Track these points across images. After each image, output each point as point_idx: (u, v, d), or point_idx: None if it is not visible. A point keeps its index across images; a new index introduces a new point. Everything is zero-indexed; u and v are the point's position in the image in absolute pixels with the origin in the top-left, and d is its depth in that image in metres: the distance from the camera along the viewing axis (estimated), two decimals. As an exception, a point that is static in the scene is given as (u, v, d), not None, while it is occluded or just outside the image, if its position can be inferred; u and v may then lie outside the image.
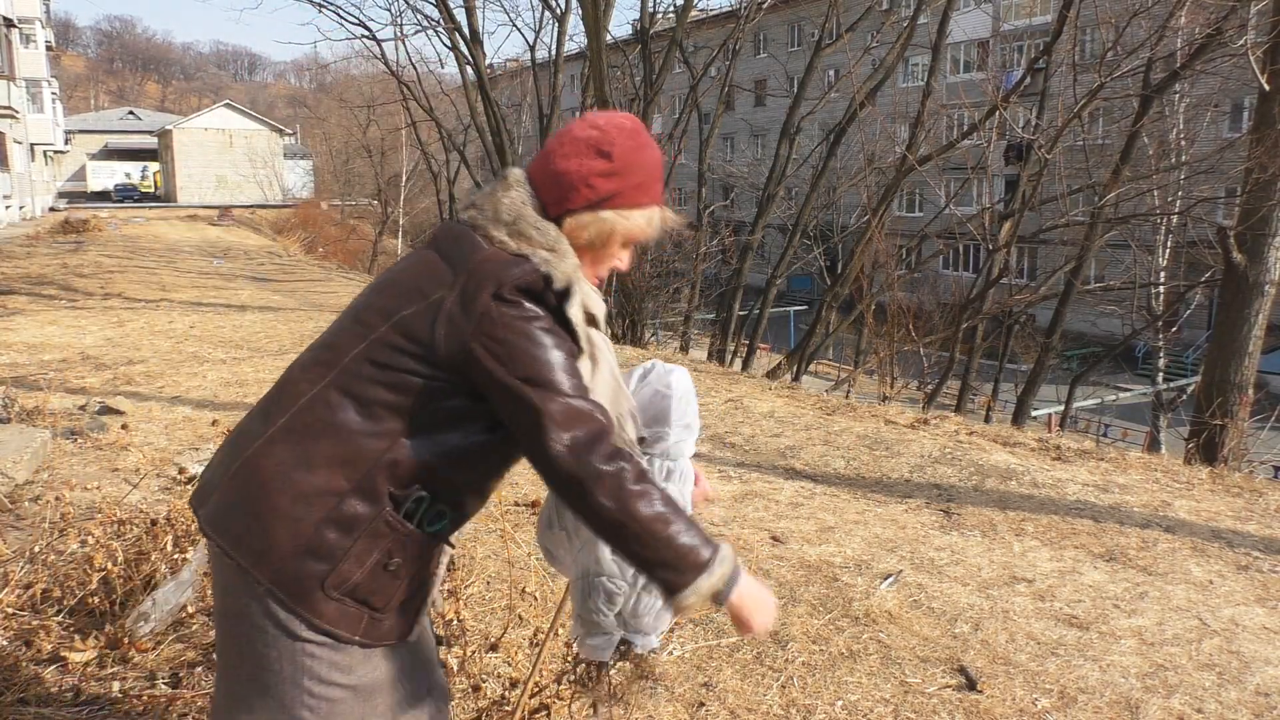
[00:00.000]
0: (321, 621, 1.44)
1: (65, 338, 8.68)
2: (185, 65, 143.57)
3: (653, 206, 1.59)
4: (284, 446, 1.46)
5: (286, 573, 1.43)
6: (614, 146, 1.53)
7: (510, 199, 1.52)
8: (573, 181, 1.52)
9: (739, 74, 25.60)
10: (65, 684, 2.56)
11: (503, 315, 1.41)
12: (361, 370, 1.46)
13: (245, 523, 1.46)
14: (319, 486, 1.43)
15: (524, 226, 1.49)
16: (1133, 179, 13.15)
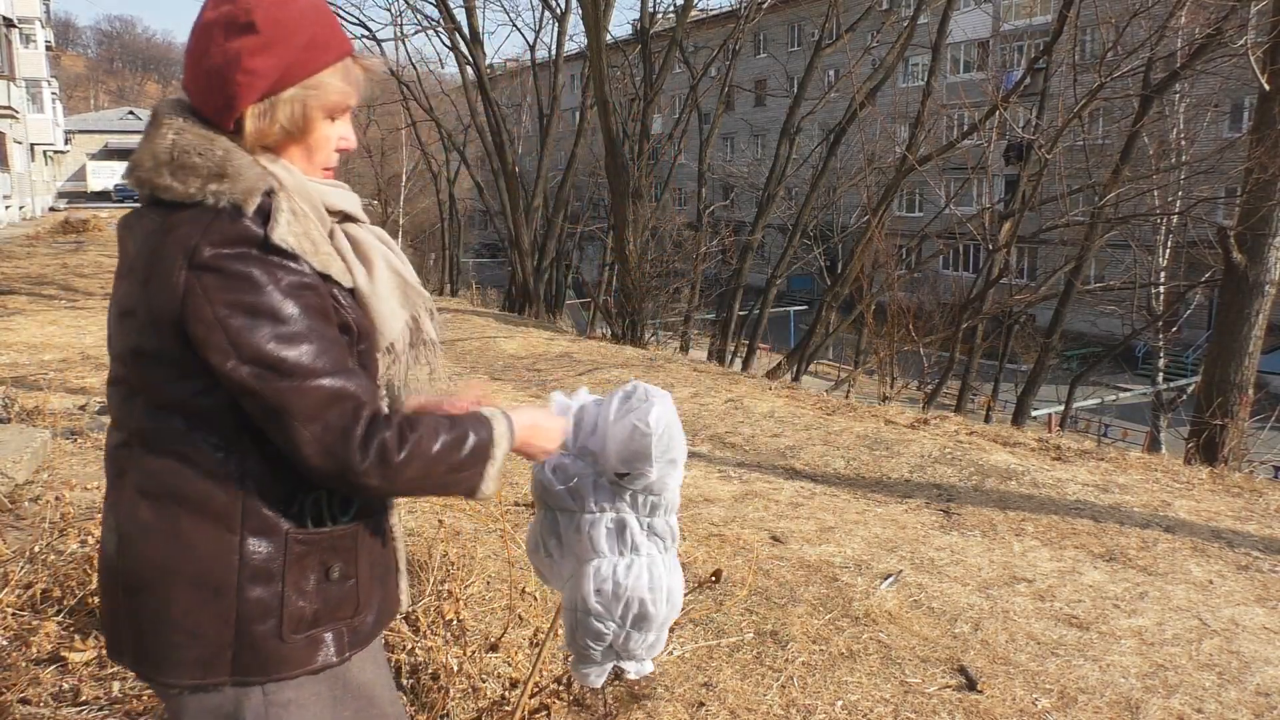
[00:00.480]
0: (302, 669, 1.30)
1: (65, 338, 8.68)
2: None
3: (338, 61, 1.31)
4: (145, 545, 1.27)
5: (241, 656, 1.27)
6: (253, 13, 1.23)
7: (162, 135, 1.25)
8: (225, 75, 1.23)
9: (739, 74, 25.59)
10: (65, 684, 2.56)
11: (206, 289, 1.17)
12: (152, 424, 1.26)
13: (168, 641, 1.27)
14: (208, 557, 1.25)
15: (184, 158, 1.23)
16: (1133, 179, 13.15)
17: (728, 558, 3.84)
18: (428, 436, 1.28)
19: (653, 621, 1.61)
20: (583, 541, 1.61)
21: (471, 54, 17.32)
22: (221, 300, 1.18)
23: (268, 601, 1.27)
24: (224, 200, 1.21)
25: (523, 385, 7.46)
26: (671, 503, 1.65)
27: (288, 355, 1.19)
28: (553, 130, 19.89)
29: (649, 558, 1.61)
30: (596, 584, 1.59)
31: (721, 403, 6.89)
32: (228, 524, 1.26)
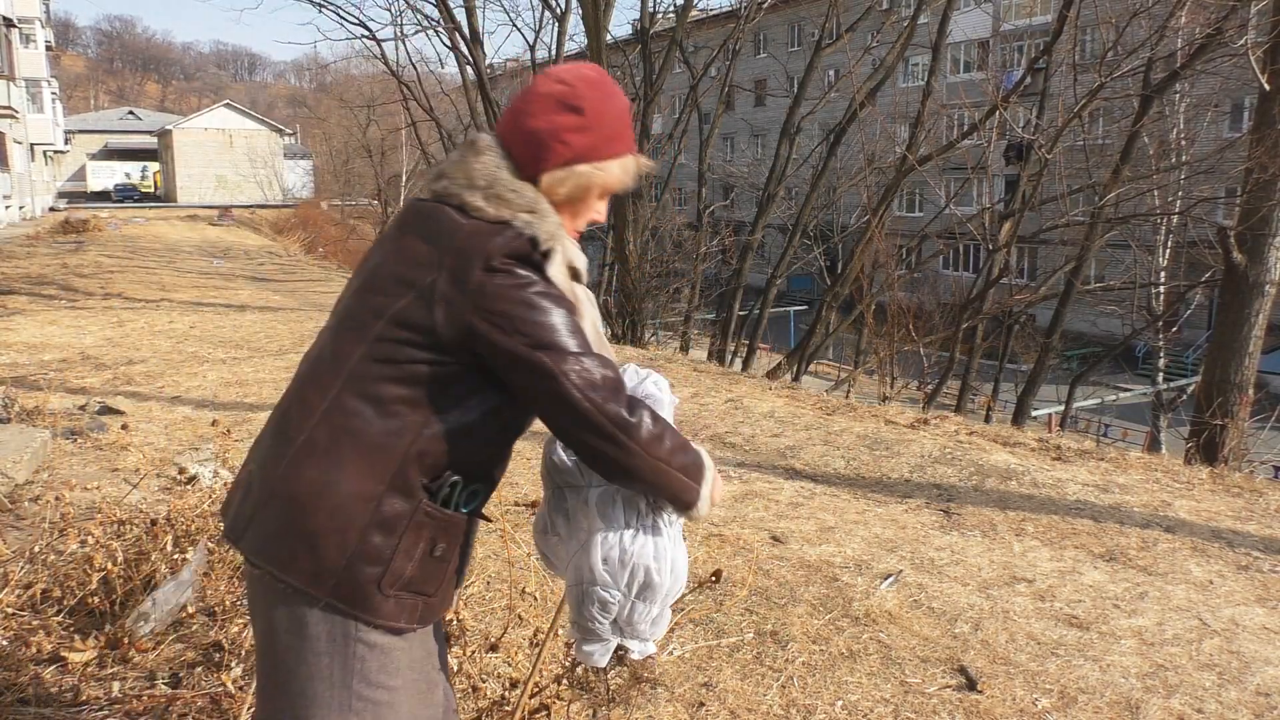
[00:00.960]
0: (382, 620, 1.47)
1: (65, 338, 8.68)
2: (185, 65, 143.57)
3: (626, 155, 1.59)
4: (310, 463, 1.46)
5: (344, 584, 1.45)
6: (583, 100, 1.52)
7: (483, 163, 1.50)
8: (545, 140, 1.51)
9: (739, 74, 25.59)
10: (65, 684, 2.56)
11: (497, 287, 1.42)
12: (369, 371, 1.46)
13: (291, 546, 1.46)
14: (354, 494, 1.44)
15: (500, 190, 1.48)
16: (1133, 179, 13.15)
17: (728, 558, 3.84)
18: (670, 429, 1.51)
19: (657, 592, 1.64)
20: (590, 514, 1.65)
21: (471, 54, 17.31)
22: (509, 296, 1.42)
23: (381, 551, 1.45)
24: (529, 230, 1.45)
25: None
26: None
27: (560, 339, 1.43)
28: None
29: (653, 528, 1.65)
30: (604, 553, 1.62)
31: (721, 403, 6.89)
32: (381, 474, 1.45)
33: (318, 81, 78.09)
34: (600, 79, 1.56)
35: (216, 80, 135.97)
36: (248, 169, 55.83)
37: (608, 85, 1.56)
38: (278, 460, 1.50)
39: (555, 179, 1.52)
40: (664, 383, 1.75)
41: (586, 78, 1.55)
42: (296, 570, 1.45)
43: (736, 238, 18.31)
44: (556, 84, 1.53)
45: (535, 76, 1.59)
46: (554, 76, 1.55)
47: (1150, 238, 19.49)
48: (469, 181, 1.49)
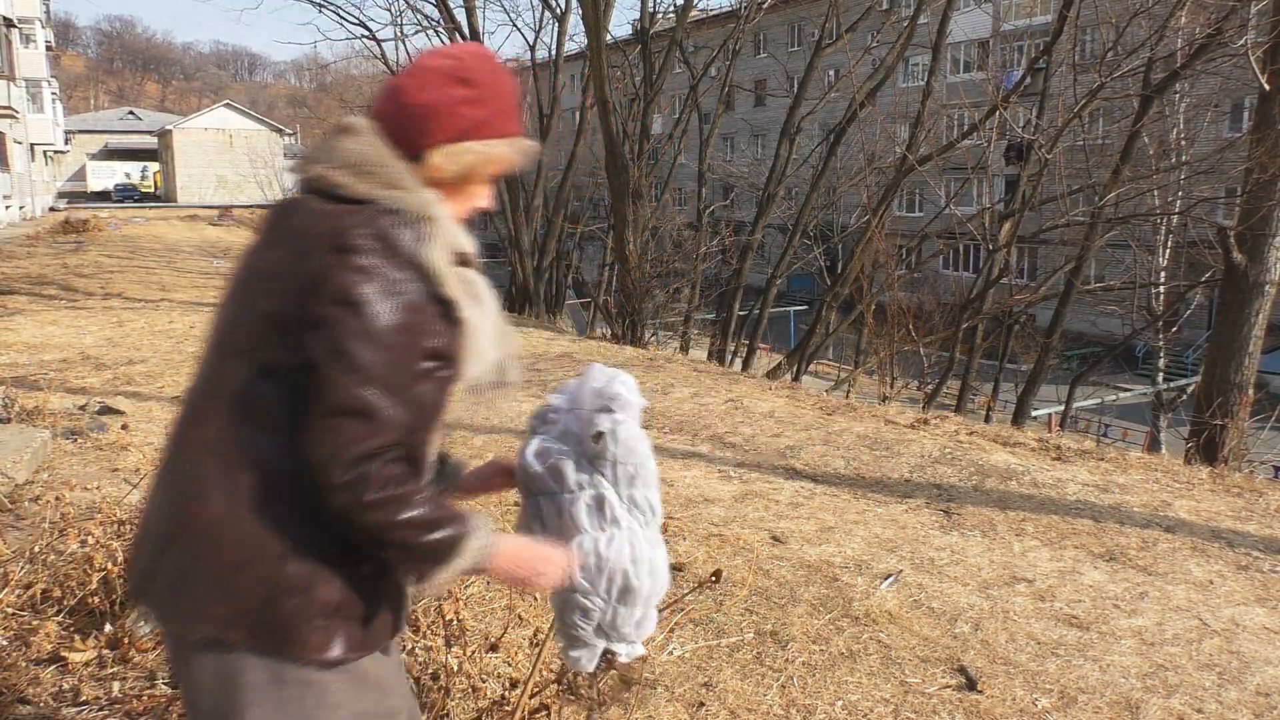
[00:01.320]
0: (312, 653, 1.34)
1: (65, 338, 8.68)
2: (185, 65, 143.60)
3: (516, 135, 1.49)
4: (207, 499, 1.33)
5: (263, 623, 1.32)
6: (474, 74, 1.43)
7: (351, 144, 1.39)
8: (434, 112, 1.40)
9: (739, 74, 25.58)
10: (65, 684, 2.56)
11: (334, 270, 1.27)
12: (249, 391, 1.33)
13: (198, 592, 1.33)
14: (260, 524, 1.32)
15: (369, 165, 1.36)
16: (1133, 179, 13.15)
17: (728, 558, 3.84)
18: (406, 503, 1.31)
19: (637, 595, 1.63)
20: (564, 521, 1.64)
21: (471, 54, 17.30)
22: (340, 283, 1.27)
23: (300, 580, 1.32)
24: (392, 204, 1.34)
25: (522, 385, 7.47)
26: (649, 475, 1.67)
27: (358, 351, 1.27)
28: (552, 130, 19.89)
29: (629, 531, 1.63)
30: (580, 559, 1.61)
31: (721, 403, 6.89)
32: (285, 497, 1.32)
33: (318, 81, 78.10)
34: (490, 54, 1.49)
35: (216, 80, 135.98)
36: (248, 169, 55.77)
37: (497, 62, 1.49)
38: (171, 502, 1.37)
39: (445, 154, 1.41)
40: (631, 383, 1.69)
41: (476, 52, 1.48)
42: (208, 618, 1.32)
43: (736, 238, 18.32)
44: (444, 59, 1.44)
45: (420, 55, 1.49)
46: (440, 53, 1.46)
47: (1150, 238, 19.49)
48: (341, 160, 1.37)
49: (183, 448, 1.39)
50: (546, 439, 1.70)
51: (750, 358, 15.33)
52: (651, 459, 1.68)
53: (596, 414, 1.65)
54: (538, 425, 1.75)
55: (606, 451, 1.63)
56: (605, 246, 16.56)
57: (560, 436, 1.69)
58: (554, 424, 1.72)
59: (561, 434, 1.69)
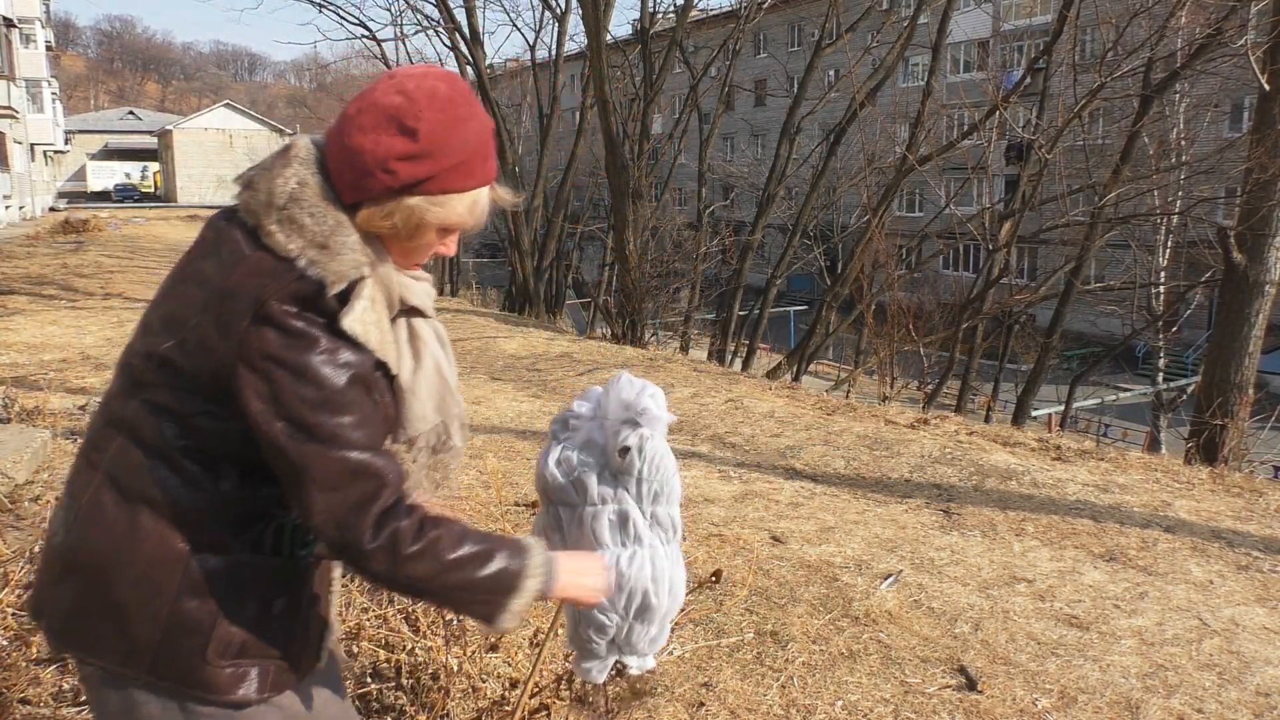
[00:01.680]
0: (218, 695, 1.27)
1: (65, 338, 8.68)
2: (185, 65, 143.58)
3: (475, 189, 1.31)
4: (100, 530, 1.27)
5: (162, 660, 1.26)
6: (420, 121, 1.24)
7: (286, 178, 1.26)
8: (366, 164, 1.24)
9: (739, 74, 25.59)
10: (65, 684, 2.56)
11: (264, 341, 1.19)
12: (148, 421, 1.26)
13: (94, 625, 1.27)
14: (156, 559, 1.25)
15: (296, 212, 1.24)
16: (1133, 179, 13.15)
17: (728, 558, 3.84)
18: (448, 540, 1.27)
19: (655, 613, 1.61)
20: (585, 534, 1.60)
21: (471, 54, 17.32)
22: (275, 354, 1.20)
23: (200, 618, 1.26)
24: (313, 271, 1.22)
25: (523, 385, 7.46)
26: (673, 492, 1.64)
27: (323, 421, 1.21)
28: (553, 130, 19.90)
29: (651, 548, 1.61)
30: None
31: (721, 403, 6.89)
32: (185, 532, 1.26)
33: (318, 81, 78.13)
34: (450, 96, 1.27)
35: (216, 80, 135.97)
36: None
37: (458, 105, 1.27)
38: (67, 529, 1.30)
39: (379, 209, 1.27)
40: (660, 397, 1.64)
41: (433, 91, 1.26)
42: (105, 650, 1.27)
43: (736, 238, 18.33)
44: (396, 94, 1.25)
45: (381, 76, 1.32)
46: (396, 84, 1.27)
47: (1150, 238, 19.49)
48: (269, 198, 1.26)
49: (83, 466, 1.33)
50: (568, 447, 1.65)
51: (750, 358, 15.33)
52: (677, 476, 1.65)
53: (623, 426, 1.61)
54: (559, 431, 1.71)
55: (632, 467, 1.59)
56: (605, 246, 16.57)
57: (583, 445, 1.64)
58: (576, 431, 1.68)
59: (585, 443, 1.65)
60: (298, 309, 1.21)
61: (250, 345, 1.19)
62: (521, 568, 1.32)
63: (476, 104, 1.32)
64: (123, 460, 1.28)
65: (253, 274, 1.22)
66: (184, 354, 1.24)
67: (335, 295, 1.23)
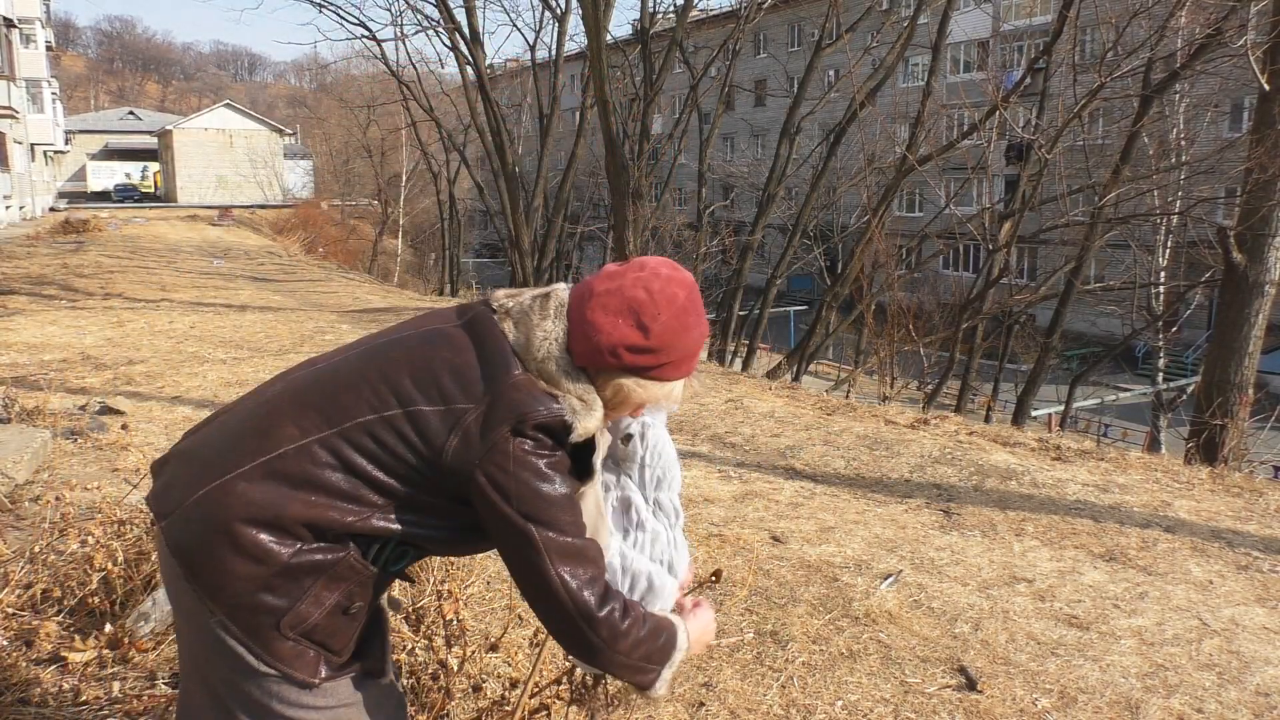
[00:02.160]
0: (276, 661, 1.41)
1: (65, 338, 8.68)
2: (185, 65, 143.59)
3: (679, 380, 1.50)
4: (257, 488, 1.39)
5: (242, 608, 1.39)
6: (656, 322, 1.42)
7: (544, 333, 1.44)
8: (601, 344, 1.42)
9: (739, 74, 25.59)
10: (65, 684, 2.56)
11: (516, 450, 1.37)
12: (360, 440, 1.40)
13: (206, 552, 1.39)
14: (285, 534, 1.39)
15: (552, 371, 1.42)
16: (1133, 179, 13.16)
17: (728, 558, 3.84)
18: (640, 620, 1.48)
19: (659, 596, 1.63)
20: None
21: (472, 54, 17.33)
22: (523, 461, 1.37)
23: (291, 588, 1.39)
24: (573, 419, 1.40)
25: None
26: (674, 478, 1.69)
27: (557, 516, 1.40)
28: (553, 130, 19.91)
29: (654, 533, 1.64)
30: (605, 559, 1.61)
31: (721, 403, 6.89)
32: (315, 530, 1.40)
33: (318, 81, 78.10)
34: (686, 304, 1.45)
35: (216, 80, 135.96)
36: (248, 169, 55.81)
37: (689, 314, 1.45)
38: (227, 463, 1.42)
39: (600, 379, 1.45)
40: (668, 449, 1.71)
41: (672, 298, 1.43)
42: (201, 578, 1.39)
43: (736, 238, 18.34)
44: (641, 290, 1.43)
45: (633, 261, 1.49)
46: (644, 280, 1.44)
47: (1150, 238, 19.49)
48: (527, 344, 1.43)
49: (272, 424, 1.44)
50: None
51: (750, 358, 15.33)
52: (677, 463, 1.70)
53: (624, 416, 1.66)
54: None
55: (635, 454, 1.65)
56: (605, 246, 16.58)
57: None
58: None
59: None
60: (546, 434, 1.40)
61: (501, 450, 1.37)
62: (674, 641, 1.54)
63: (703, 315, 1.50)
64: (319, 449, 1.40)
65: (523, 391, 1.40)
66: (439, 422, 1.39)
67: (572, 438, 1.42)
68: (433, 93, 24.06)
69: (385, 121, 31.57)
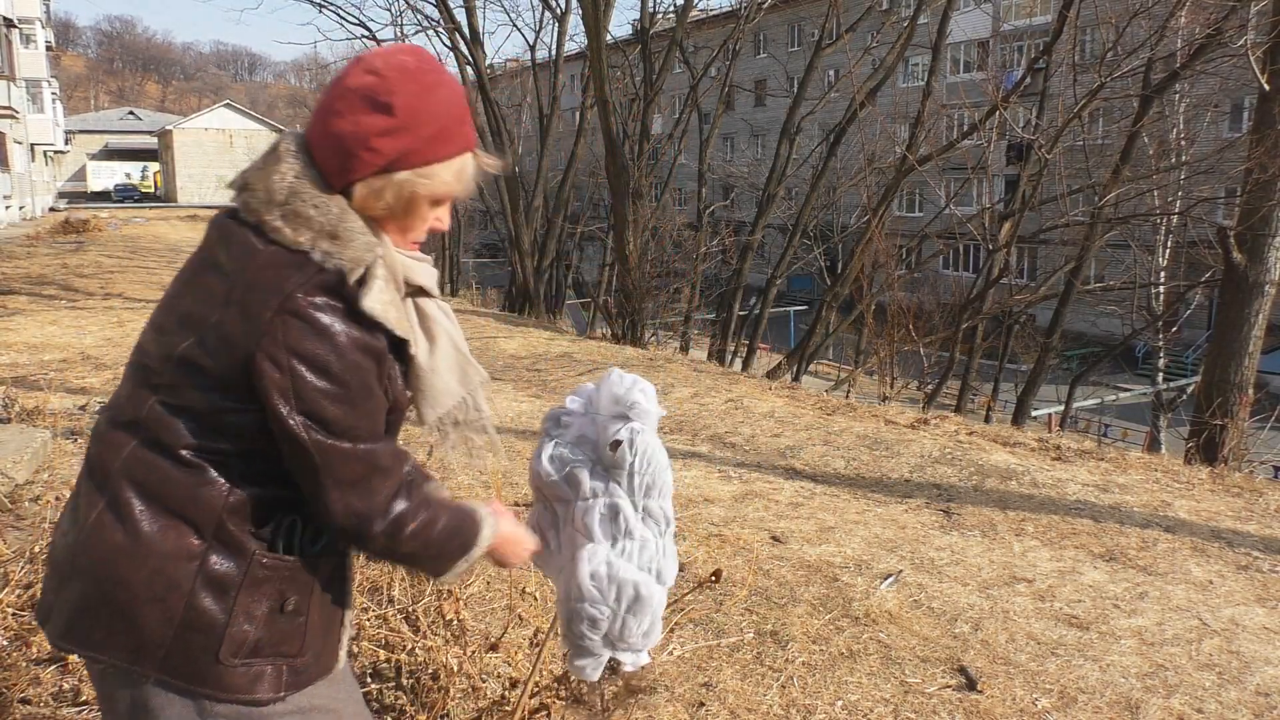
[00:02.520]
0: (231, 694, 1.29)
1: (65, 338, 8.68)
2: (185, 65, 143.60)
3: (458, 156, 1.35)
4: (115, 526, 1.27)
5: (174, 657, 1.27)
6: (394, 95, 1.27)
7: (281, 174, 1.29)
8: (349, 146, 1.28)
9: (739, 74, 25.59)
10: (65, 684, 2.56)
11: (288, 333, 1.22)
12: (163, 420, 1.28)
13: (105, 622, 1.27)
14: (171, 554, 1.26)
15: (299, 205, 1.27)
16: (1133, 179, 13.15)
17: (728, 558, 3.84)
18: (435, 521, 1.37)
19: (646, 605, 1.62)
20: (577, 528, 1.62)
21: (471, 54, 17.33)
22: (299, 349, 1.23)
23: (213, 616, 1.28)
24: (331, 262, 1.26)
25: (523, 385, 7.46)
26: (664, 485, 1.66)
27: (339, 416, 1.26)
28: (553, 130, 19.91)
29: (642, 541, 1.62)
30: (591, 568, 1.60)
31: (721, 403, 6.89)
32: (200, 530, 1.28)
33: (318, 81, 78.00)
34: (420, 67, 1.30)
35: (216, 80, 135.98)
36: (248, 169, 55.79)
37: (429, 73, 1.31)
38: (80, 527, 1.31)
39: (370, 190, 1.30)
40: (651, 391, 1.67)
41: (401, 65, 1.29)
42: (115, 648, 1.27)
43: (736, 238, 18.34)
44: (366, 74, 1.29)
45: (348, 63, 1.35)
46: (365, 65, 1.30)
47: (1150, 238, 19.49)
48: (268, 196, 1.28)
49: (96, 464, 1.33)
50: (561, 443, 1.67)
51: (750, 358, 15.33)
52: (669, 469, 1.66)
53: (614, 421, 1.63)
54: (551, 428, 1.73)
55: (624, 461, 1.61)
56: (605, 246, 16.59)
57: (575, 441, 1.67)
58: (568, 428, 1.70)
59: (576, 439, 1.67)
60: (321, 300, 1.24)
61: (274, 336, 1.22)
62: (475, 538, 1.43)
63: (445, 72, 1.34)
64: (138, 461, 1.29)
65: (271, 266, 1.25)
66: (205, 350, 1.26)
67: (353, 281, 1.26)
68: (433, 93, 24.01)
69: (385, 121, 31.49)
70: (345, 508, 1.29)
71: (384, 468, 1.31)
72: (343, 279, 1.26)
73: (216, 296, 1.27)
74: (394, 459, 1.34)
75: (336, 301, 1.25)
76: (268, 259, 1.26)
